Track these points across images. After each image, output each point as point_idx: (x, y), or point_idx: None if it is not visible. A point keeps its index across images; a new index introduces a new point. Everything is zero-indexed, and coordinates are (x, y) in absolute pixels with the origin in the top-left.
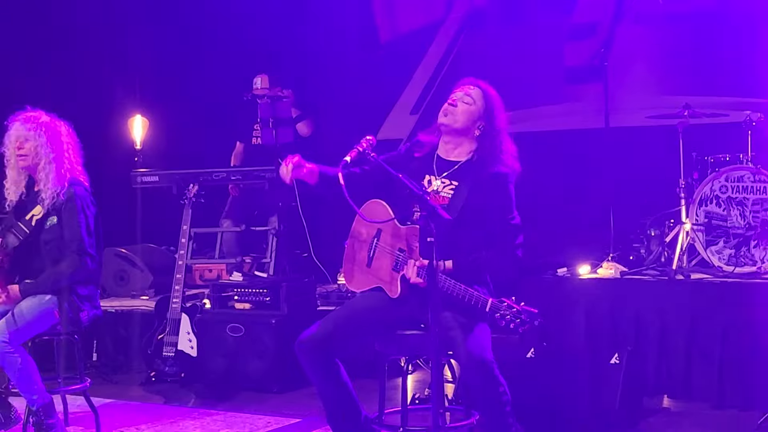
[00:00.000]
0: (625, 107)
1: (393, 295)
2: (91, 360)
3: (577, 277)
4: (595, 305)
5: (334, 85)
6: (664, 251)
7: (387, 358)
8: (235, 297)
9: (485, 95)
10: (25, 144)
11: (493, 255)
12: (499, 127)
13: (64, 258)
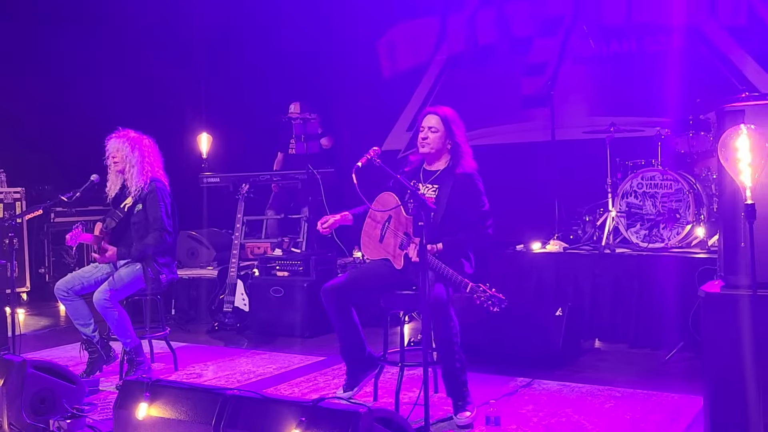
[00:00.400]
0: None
1: (397, 266)
2: (170, 314)
3: (531, 251)
4: (543, 272)
5: (349, 109)
6: (596, 232)
7: (389, 312)
8: (276, 267)
9: (443, 119)
10: (116, 154)
11: (470, 234)
12: (459, 139)
13: (148, 234)
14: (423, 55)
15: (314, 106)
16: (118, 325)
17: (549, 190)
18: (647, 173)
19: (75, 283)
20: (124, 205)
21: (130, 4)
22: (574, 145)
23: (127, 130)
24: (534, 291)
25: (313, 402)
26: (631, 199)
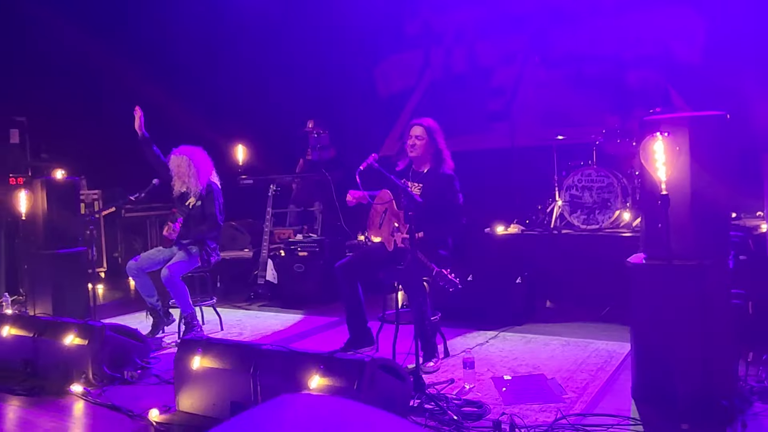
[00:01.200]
0: (522, 135)
1: (389, 248)
2: (216, 287)
3: (496, 233)
4: (506, 249)
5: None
6: (546, 217)
7: (386, 282)
8: (298, 249)
9: (427, 129)
10: (177, 168)
11: (447, 226)
12: (441, 146)
13: (205, 223)
14: (410, 79)
15: (325, 122)
16: (179, 295)
17: (509, 185)
18: (585, 171)
19: (143, 263)
20: (188, 203)
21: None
22: (529, 150)
23: (183, 147)
24: (499, 264)
25: (329, 353)
26: (573, 191)
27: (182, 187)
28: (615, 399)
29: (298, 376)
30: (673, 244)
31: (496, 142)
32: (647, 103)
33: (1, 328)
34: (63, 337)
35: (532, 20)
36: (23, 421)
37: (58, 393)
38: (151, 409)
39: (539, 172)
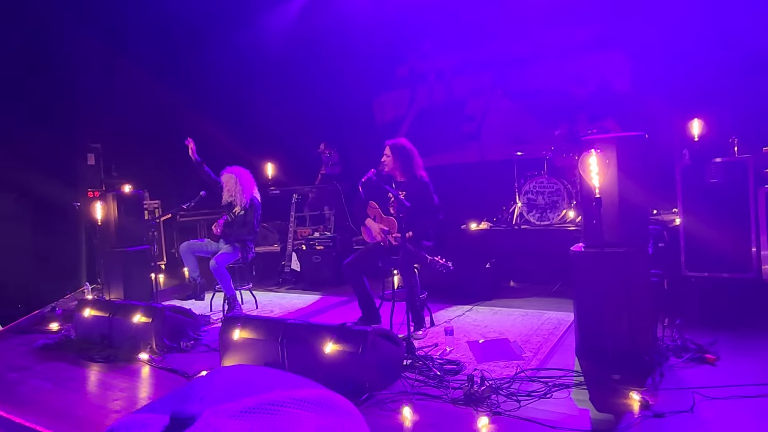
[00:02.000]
0: (490, 152)
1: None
2: (252, 274)
3: (470, 228)
4: (478, 241)
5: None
6: (509, 216)
7: (384, 269)
8: (316, 244)
9: (392, 147)
10: (227, 182)
11: (428, 221)
12: (411, 158)
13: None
14: (401, 110)
15: (335, 144)
16: (223, 281)
17: (480, 191)
18: (538, 179)
19: (193, 246)
20: (235, 211)
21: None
22: (495, 163)
23: (232, 167)
24: (472, 252)
25: (340, 325)
26: (530, 195)
27: (229, 198)
28: (562, 356)
29: (316, 344)
30: (605, 235)
31: (470, 157)
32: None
33: (84, 310)
34: (132, 317)
35: (495, 63)
36: (102, 382)
37: (129, 360)
38: (201, 372)
39: (503, 180)
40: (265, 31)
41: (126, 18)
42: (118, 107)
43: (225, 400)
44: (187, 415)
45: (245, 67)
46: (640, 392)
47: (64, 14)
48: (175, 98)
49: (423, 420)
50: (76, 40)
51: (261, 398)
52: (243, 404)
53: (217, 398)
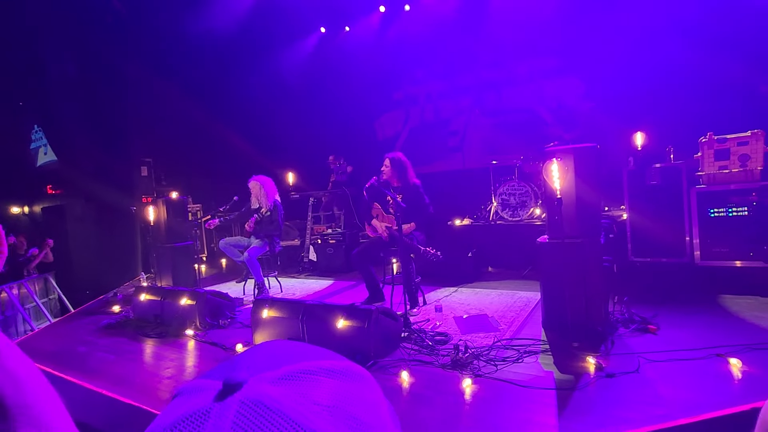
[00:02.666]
0: (471, 161)
1: (385, 239)
2: (277, 264)
3: (455, 224)
4: (461, 235)
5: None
6: (487, 214)
7: (385, 258)
8: (329, 238)
9: (390, 159)
10: (254, 188)
11: (421, 217)
12: (405, 168)
13: (272, 225)
14: (398, 127)
15: (343, 156)
16: (254, 270)
17: (463, 193)
18: (511, 183)
19: (230, 241)
20: (262, 212)
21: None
22: (475, 171)
23: (257, 176)
24: (457, 244)
25: (349, 305)
26: (503, 196)
27: (255, 203)
28: (532, 328)
29: (330, 320)
30: (565, 229)
31: (454, 165)
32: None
33: (140, 295)
34: (179, 300)
35: (474, 87)
36: (155, 354)
37: (177, 336)
38: (237, 344)
39: (481, 184)
40: (284, 62)
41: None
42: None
43: (266, 370)
44: (236, 381)
45: (269, 91)
46: (595, 357)
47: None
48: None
49: (418, 381)
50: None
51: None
52: (280, 372)
53: (260, 368)
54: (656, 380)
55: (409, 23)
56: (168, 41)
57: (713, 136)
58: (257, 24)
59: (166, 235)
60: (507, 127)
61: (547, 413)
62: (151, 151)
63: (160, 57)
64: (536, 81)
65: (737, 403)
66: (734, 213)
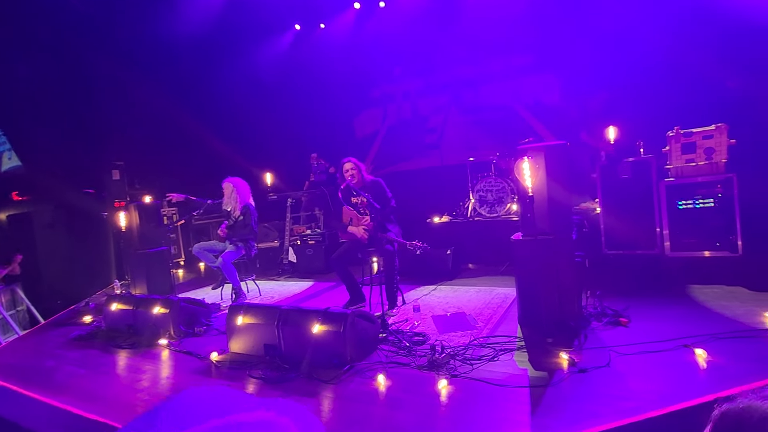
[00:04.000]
0: (448, 158)
1: (363, 242)
2: (255, 267)
3: (433, 221)
4: (440, 232)
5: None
6: (465, 210)
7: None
8: (308, 239)
9: (354, 164)
10: (226, 190)
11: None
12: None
13: (246, 229)
14: (376, 125)
15: (324, 155)
16: (230, 275)
17: (441, 190)
18: (488, 179)
19: (205, 246)
20: (235, 216)
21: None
22: (452, 167)
23: (232, 178)
24: (436, 241)
25: (324, 309)
26: (481, 193)
27: (228, 206)
28: (509, 324)
29: (306, 325)
30: (538, 226)
31: (432, 162)
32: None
33: (112, 304)
34: (152, 308)
35: (451, 85)
36: (128, 366)
37: (150, 345)
38: (212, 352)
39: (459, 181)
40: (260, 60)
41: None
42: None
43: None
44: None
45: (245, 90)
46: (568, 352)
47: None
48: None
49: (395, 384)
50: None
51: (208, 425)
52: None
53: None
54: (626, 373)
55: (384, 20)
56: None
57: (680, 130)
58: (231, 21)
59: (139, 241)
60: (484, 124)
61: (522, 411)
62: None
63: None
64: (512, 78)
65: (703, 393)
66: (701, 205)
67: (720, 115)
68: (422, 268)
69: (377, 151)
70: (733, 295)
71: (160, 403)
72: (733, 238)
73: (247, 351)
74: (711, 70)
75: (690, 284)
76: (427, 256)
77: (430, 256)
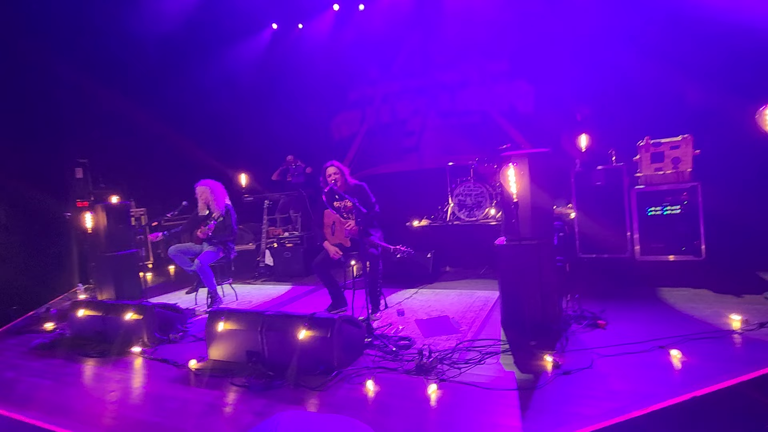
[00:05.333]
0: (427, 161)
1: (346, 245)
2: (231, 269)
3: (413, 225)
4: (420, 235)
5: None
6: (444, 214)
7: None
8: (286, 241)
9: (337, 167)
10: (202, 194)
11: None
12: (347, 174)
13: (225, 231)
14: (354, 127)
15: (301, 156)
16: (206, 278)
17: (420, 194)
18: (467, 184)
19: (181, 248)
20: (214, 217)
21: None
22: (431, 171)
23: (205, 180)
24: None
25: (311, 314)
26: (460, 197)
27: (204, 209)
28: (491, 328)
29: (291, 331)
30: (521, 231)
31: (411, 166)
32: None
33: (78, 310)
34: (124, 314)
35: (429, 89)
36: (98, 376)
37: (122, 353)
38: (190, 360)
39: (438, 185)
40: (235, 59)
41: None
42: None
43: None
44: None
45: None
46: (552, 355)
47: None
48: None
49: (383, 390)
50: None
51: None
52: None
53: None
54: (609, 375)
55: (363, 23)
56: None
57: (650, 140)
58: (205, 17)
59: (106, 243)
60: (462, 129)
61: (511, 415)
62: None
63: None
64: (488, 84)
65: (680, 392)
66: (669, 211)
67: (687, 126)
68: (403, 271)
69: (355, 153)
70: (699, 298)
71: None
72: (698, 243)
73: (228, 358)
74: (678, 83)
75: (659, 287)
76: (408, 259)
77: (410, 259)
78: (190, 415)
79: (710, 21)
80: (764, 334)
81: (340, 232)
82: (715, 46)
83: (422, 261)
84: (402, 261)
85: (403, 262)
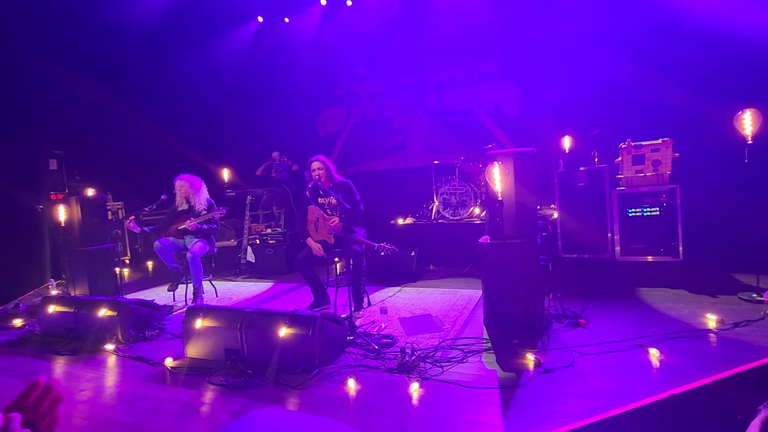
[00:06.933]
0: (413, 160)
1: (330, 242)
2: (211, 266)
3: (398, 223)
4: (404, 233)
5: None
6: (429, 213)
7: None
8: (268, 238)
9: (322, 162)
10: (181, 189)
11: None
12: (333, 170)
13: (210, 224)
14: (340, 124)
15: (285, 152)
16: (197, 271)
17: (405, 192)
18: (452, 182)
19: (168, 243)
20: (197, 211)
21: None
22: (417, 169)
23: (184, 175)
24: (400, 242)
25: (292, 312)
26: (445, 195)
27: (183, 204)
28: (474, 326)
29: (271, 328)
30: (506, 230)
31: (396, 164)
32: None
33: (49, 306)
34: (97, 311)
35: (416, 88)
36: (68, 374)
37: (94, 351)
38: (166, 358)
39: (424, 183)
40: (219, 51)
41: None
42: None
43: None
44: None
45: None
46: (534, 353)
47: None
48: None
49: (365, 388)
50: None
51: None
52: None
53: None
54: (589, 373)
55: (351, 19)
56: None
57: (631, 142)
58: (188, 7)
59: (80, 237)
60: (448, 128)
61: (493, 413)
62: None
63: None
64: (475, 84)
65: (658, 390)
66: (648, 213)
67: (667, 130)
68: (387, 269)
69: (341, 150)
70: (676, 298)
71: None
72: (675, 245)
73: (206, 356)
74: (660, 88)
75: (639, 287)
76: (392, 257)
77: (394, 257)
78: (165, 414)
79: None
80: (738, 334)
81: (323, 229)
82: (697, 53)
83: (406, 259)
84: (386, 259)
85: (386, 260)
